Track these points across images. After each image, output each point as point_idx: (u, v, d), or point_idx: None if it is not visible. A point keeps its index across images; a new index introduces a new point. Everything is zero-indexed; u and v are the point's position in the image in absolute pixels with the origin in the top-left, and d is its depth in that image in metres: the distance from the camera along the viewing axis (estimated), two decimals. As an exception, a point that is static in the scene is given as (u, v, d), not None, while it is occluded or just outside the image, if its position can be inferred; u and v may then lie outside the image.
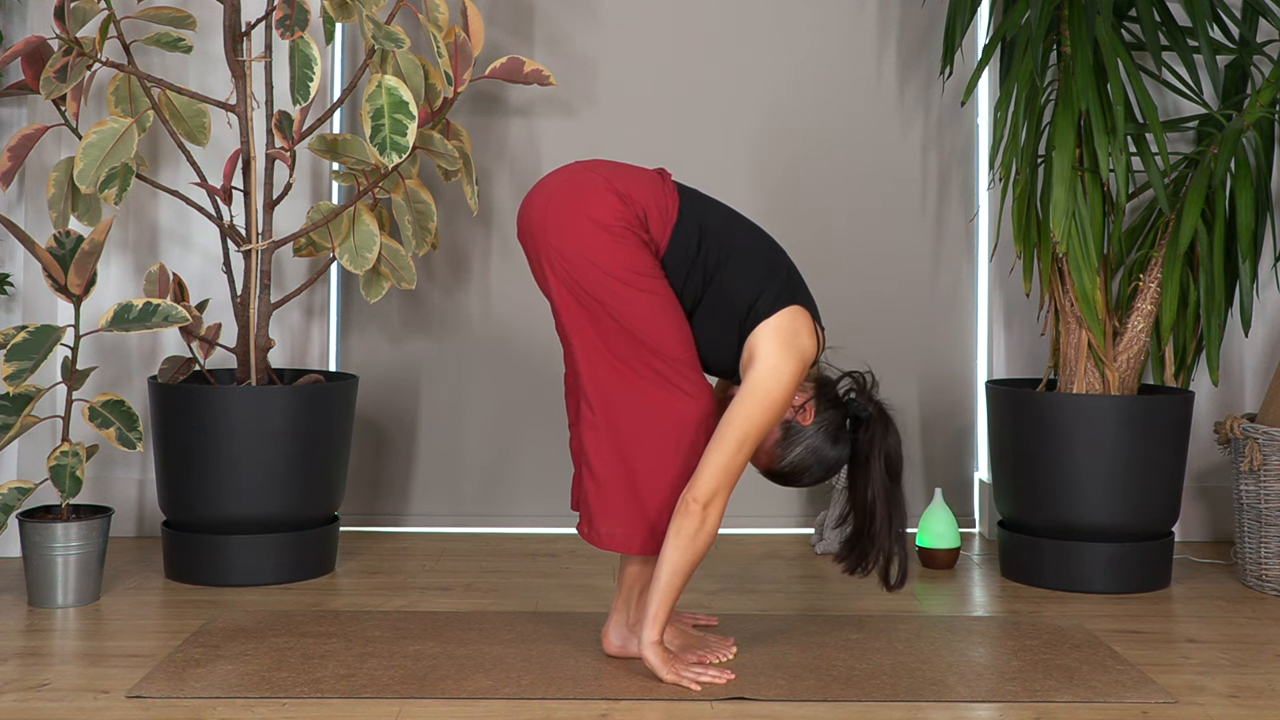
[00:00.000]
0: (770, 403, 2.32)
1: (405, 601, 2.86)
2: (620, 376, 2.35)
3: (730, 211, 2.48)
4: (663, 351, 2.34)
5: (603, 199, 2.34)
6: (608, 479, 2.37)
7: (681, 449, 2.36)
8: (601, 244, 2.32)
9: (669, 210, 2.38)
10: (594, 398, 2.37)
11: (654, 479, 2.36)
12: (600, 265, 2.32)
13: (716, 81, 3.63)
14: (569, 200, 2.36)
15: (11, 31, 3.20)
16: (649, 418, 2.35)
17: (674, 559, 2.30)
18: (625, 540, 2.38)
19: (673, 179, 2.46)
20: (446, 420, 3.63)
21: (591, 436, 2.38)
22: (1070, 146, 3.01)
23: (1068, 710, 2.23)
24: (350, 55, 3.61)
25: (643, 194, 2.37)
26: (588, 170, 2.40)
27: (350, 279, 3.58)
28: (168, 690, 2.26)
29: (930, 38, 3.62)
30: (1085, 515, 3.00)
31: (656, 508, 2.36)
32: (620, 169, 2.42)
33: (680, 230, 2.37)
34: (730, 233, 2.41)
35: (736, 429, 2.30)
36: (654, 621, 2.32)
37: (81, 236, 2.86)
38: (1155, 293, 3.08)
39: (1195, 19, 3.03)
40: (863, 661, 2.45)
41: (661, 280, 2.36)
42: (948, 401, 3.67)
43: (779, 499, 3.62)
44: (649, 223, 2.36)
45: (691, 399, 2.36)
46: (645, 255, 2.35)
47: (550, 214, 2.36)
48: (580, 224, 2.33)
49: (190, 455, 2.96)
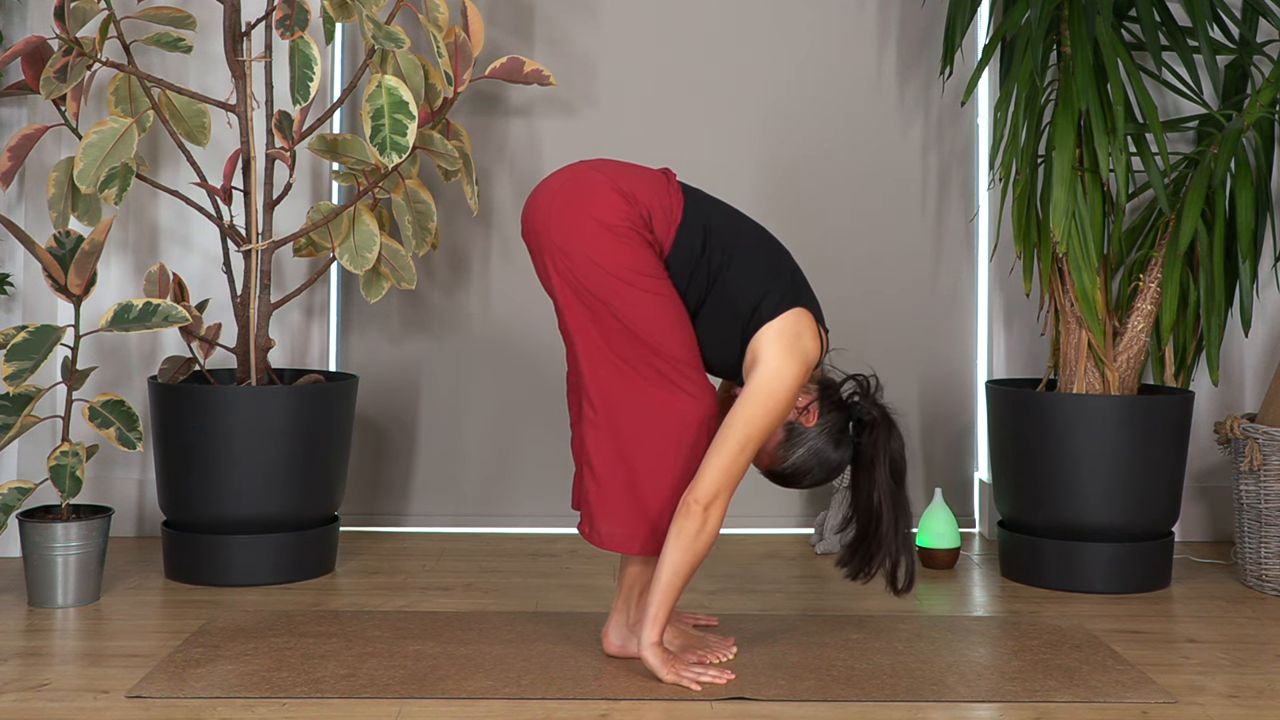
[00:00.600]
0: (773, 405, 2.32)
1: (405, 601, 2.86)
2: (622, 376, 2.35)
3: (735, 212, 2.47)
4: (665, 352, 2.34)
5: (607, 199, 2.34)
6: (608, 478, 2.37)
7: (683, 449, 2.36)
8: (605, 244, 2.32)
9: (673, 210, 2.38)
10: (596, 397, 2.37)
11: (655, 479, 2.36)
12: (603, 265, 2.32)
13: (716, 82, 3.63)
14: (573, 199, 2.36)
15: (11, 31, 3.20)
16: (651, 418, 2.35)
17: (674, 560, 2.30)
18: (626, 540, 2.38)
19: (678, 179, 2.46)
20: (446, 420, 3.63)
21: (593, 436, 2.38)
22: (1070, 146, 3.01)
23: (1068, 710, 2.23)
24: (350, 55, 3.61)
25: (647, 194, 2.37)
26: (592, 170, 2.40)
27: (350, 279, 3.58)
28: (168, 690, 2.26)
29: (930, 38, 3.62)
30: (1085, 515, 3.00)
31: (657, 508, 2.36)
32: (625, 169, 2.42)
33: (684, 231, 2.37)
34: (735, 234, 2.41)
35: (738, 431, 2.30)
36: (653, 622, 2.32)
37: (81, 236, 2.86)
38: (1155, 293, 3.08)
39: (1195, 19, 3.03)
40: (863, 661, 2.45)
41: (665, 281, 2.36)
42: (948, 401, 3.67)
43: (779, 499, 3.62)
44: (653, 223, 2.36)
45: (693, 399, 2.36)
46: (649, 255, 2.34)
47: (554, 213, 2.36)
48: (584, 223, 2.33)
49: (190, 455, 2.96)
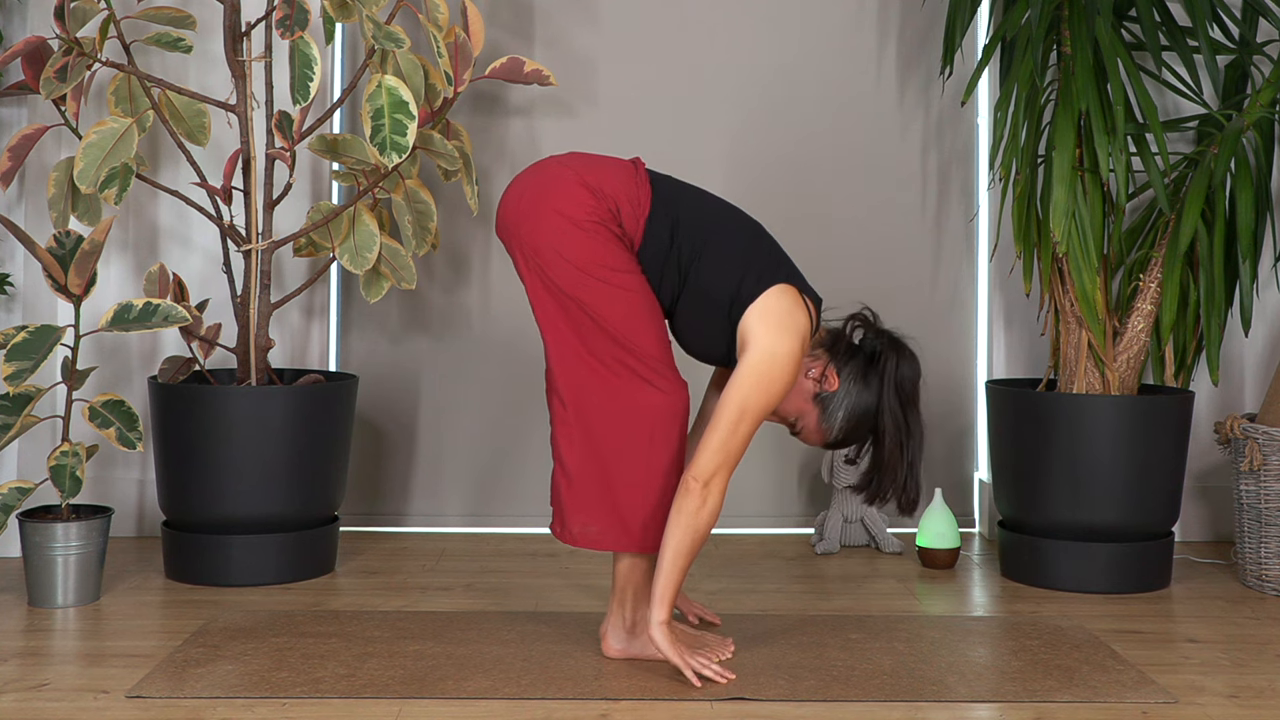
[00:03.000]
0: (768, 383, 2.31)
1: (405, 601, 2.86)
2: (593, 372, 2.35)
3: (703, 197, 2.46)
4: (636, 348, 2.34)
5: (572, 194, 2.34)
6: (580, 475, 2.38)
7: (654, 445, 2.36)
8: (573, 239, 2.32)
9: (641, 203, 2.37)
10: (566, 394, 2.37)
11: (626, 475, 2.36)
12: (572, 261, 2.32)
13: (716, 81, 3.63)
14: (539, 196, 2.36)
15: (11, 31, 3.20)
16: (621, 414, 2.35)
17: (676, 539, 2.30)
18: (598, 537, 2.39)
19: (645, 168, 2.44)
20: (446, 420, 3.63)
21: (563, 433, 2.38)
22: (1070, 146, 3.01)
23: (1068, 710, 2.23)
24: (350, 55, 3.61)
25: (614, 187, 2.36)
26: (559, 165, 2.40)
27: (350, 279, 3.58)
28: (168, 690, 2.26)
29: (930, 38, 3.62)
30: (1085, 515, 3.00)
31: (629, 504, 2.36)
32: (593, 162, 2.41)
33: (652, 223, 2.37)
34: (702, 225, 2.40)
35: (732, 410, 2.29)
36: (660, 603, 2.31)
37: (81, 236, 2.86)
38: (1155, 293, 3.08)
39: (1195, 19, 3.03)
40: (863, 661, 2.45)
41: (636, 275, 2.36)
42: (948, 401, 3.67)
43: (779, 499, 3.62)
44: (621, 216, 2.35)
45: (664, 395, 2.36)
46: (618, 250, 2.34)
47: (522, 210, 2.37)
48: (550, 219, 2.33)
49: (190, 455, 2.96)
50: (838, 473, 3.42)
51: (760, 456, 3.61)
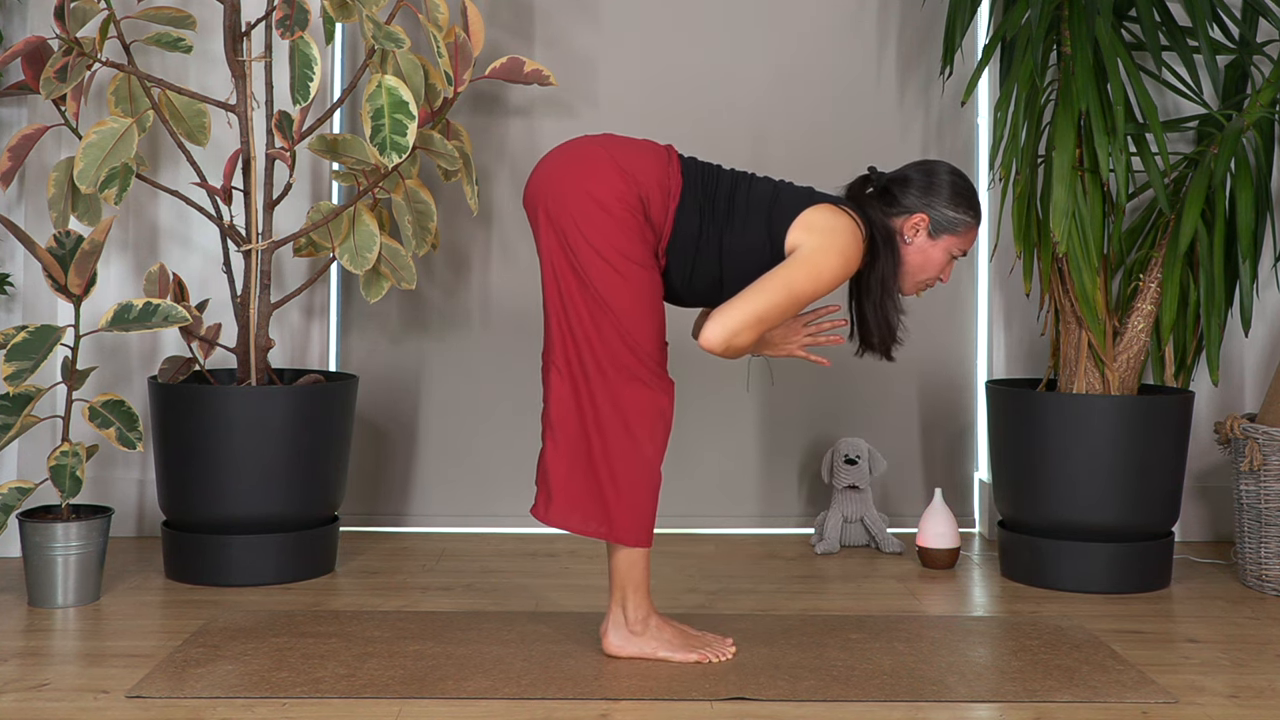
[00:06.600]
0: (817, 274, 2.32)
1: (405, 601, 2.86)
2: (593, 352, 2.36)
3: (736, 177, 2.45)
4: (633, 342, 2.35)
5: (605, 176, 2.35)
6: (569, 451, 2.39)
7: (640, 438, 2.37)
8: (597, 222, 2.33)
9: (673, 192, 2.39)
10: (564, 368, 2.38)
11: (610, 464, 2.37)
12: (592, 242, 2.33)
13: (715, 81, 3.63)
14: (571, 173, 2.37)
15: (11, 31, 3.20)
16: (613, 406, 2.36)
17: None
18: (581, 521, 2.40)
19: (679, 157, 2.45)
20: (446, 420, 3.63)
21: (559, 411, 2.40)
22: (1070, 146, 3.01)
23: (1068, 710, 2.23)
24: (350, 55, 3.61)
25: (647, 174, 2.38)
26: (596, 145, 2.41)
27: (350, 279, 3.58)
28: (168, 690, 2.26)
29: (930, 38, 3.62)
30: (1085, 515, 3.00)
31: (613, 493, 2.38)
32: (628, 146, 2.42)
33: (682, 213, 2.39)
34: (732, 196, 2.41)
35: (777, 286, 2.31)
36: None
37: (81, 236, 2.86)
38: (1155, 293, 3.08)
39: (1195, 19, 3.03)
40: (863, 661, 2.45)
41: (649, 270, 2.37)
42: (948, 401, 3.67)
43: (779, 499, 3.62)
44: (650, 207, 2.36)
45: (652, 390, 2.38)
46: (637, 240, 2.35)
47: (552, 184, 2.38)
48: (579, 199, 2.34)
49: (190, 455, 2.96)
50: (838, 473, 3.42)
51: (760, 456, 3.61)
